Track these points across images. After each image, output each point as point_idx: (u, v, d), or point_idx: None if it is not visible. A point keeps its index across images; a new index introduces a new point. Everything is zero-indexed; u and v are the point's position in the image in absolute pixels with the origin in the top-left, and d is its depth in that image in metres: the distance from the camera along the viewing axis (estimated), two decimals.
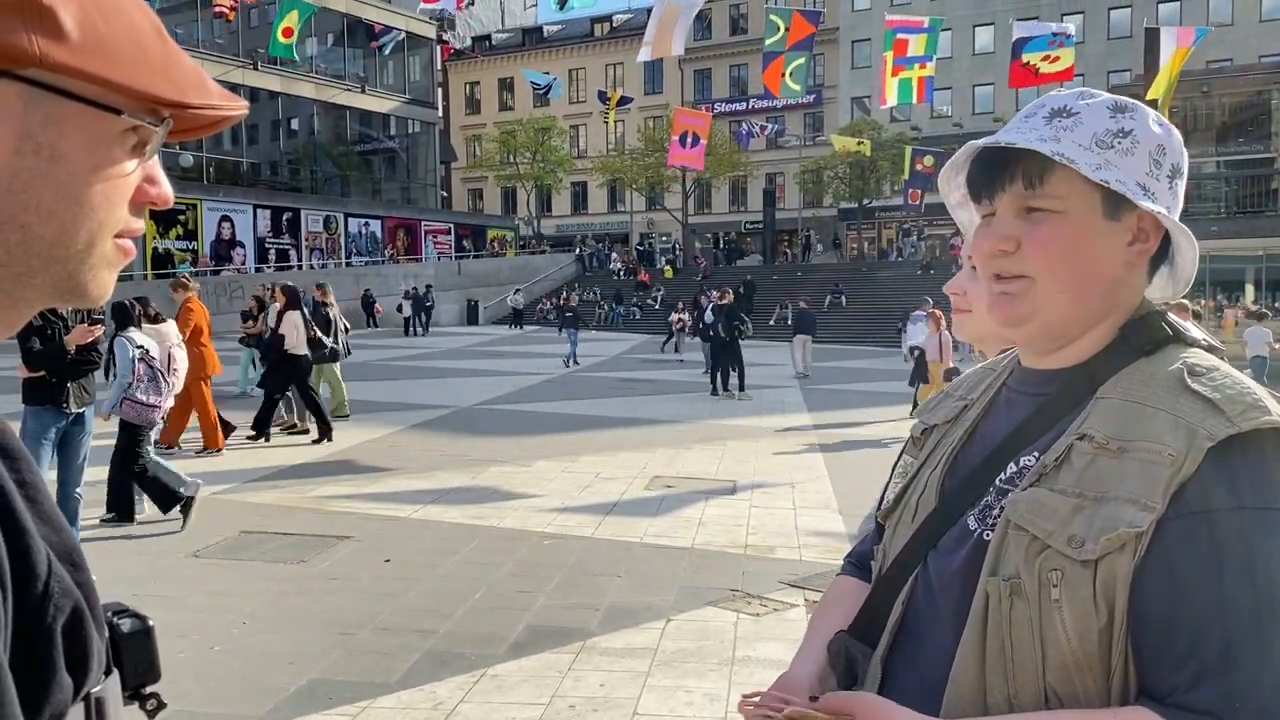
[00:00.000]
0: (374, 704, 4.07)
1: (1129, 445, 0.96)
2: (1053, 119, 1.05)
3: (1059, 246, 1.02)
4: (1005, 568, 0.99)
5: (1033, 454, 1.05)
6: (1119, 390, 1.02)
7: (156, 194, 0.70)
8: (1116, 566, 0.93)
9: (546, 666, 4.50)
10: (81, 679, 0.64)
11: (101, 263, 0.67)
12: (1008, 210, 1.05)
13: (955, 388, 1.28)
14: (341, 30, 42.92)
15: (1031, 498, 1.00)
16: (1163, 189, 1.05)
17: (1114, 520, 0.93)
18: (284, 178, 42.07)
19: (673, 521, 7.45)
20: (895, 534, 1.18)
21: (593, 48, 59.18)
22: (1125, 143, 1.03)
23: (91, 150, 0.63)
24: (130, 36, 0.63)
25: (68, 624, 0.63)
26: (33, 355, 5.97)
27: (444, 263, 42.91)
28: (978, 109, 48.30)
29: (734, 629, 5.06)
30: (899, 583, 1.13)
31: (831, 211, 50.37)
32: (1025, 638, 0.97)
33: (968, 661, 1.00)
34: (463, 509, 7.74)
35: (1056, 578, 0.95)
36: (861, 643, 1.15)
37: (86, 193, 0.64)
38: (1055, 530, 0.96)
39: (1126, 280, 1.06)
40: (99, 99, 0.62)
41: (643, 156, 50.13)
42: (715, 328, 16.96)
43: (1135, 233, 1.04)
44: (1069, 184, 1.02)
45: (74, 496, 6.07)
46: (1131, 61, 43.11)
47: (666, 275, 45.22)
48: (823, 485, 8.95)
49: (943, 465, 1.15)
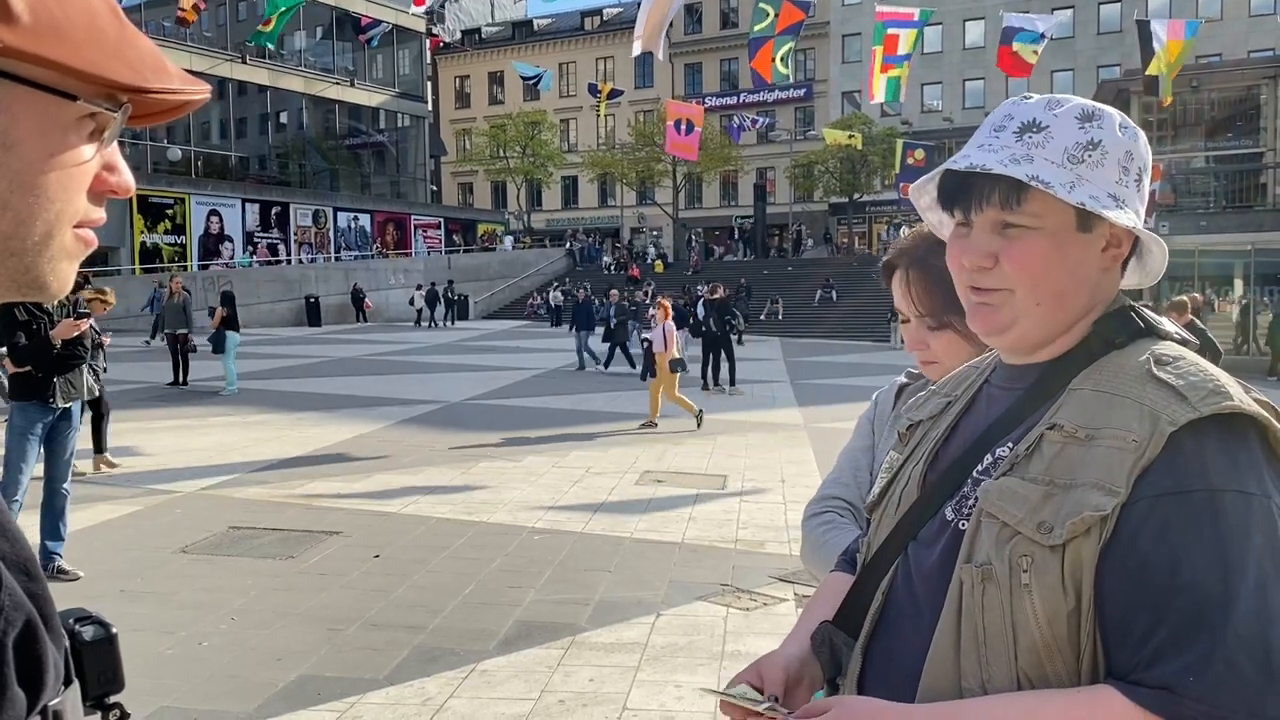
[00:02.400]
0: (363, 699, 4.06)
1: (1096, 433, 0.99)
2: (1023, 134, 1.07)
3: (1037, 262, 1.05)
4: (978, 555, 1.01)
5: (1007, 445, 1.08)
6: (1090, 381, 1.05)
7: (116, 182, 0.67)
8: (1083, 550, 0.95)
9: (536, 662, 4.50)
10: (35, 694, 0.61)
11: (60, 254, 0.65)
12: (984, 227, 1.08)
13: (941, 385, 1.30)
14: (330, 24, 42.72)
15: (1003, 486, 1.02)
16: (1131, 194, 1.08)
17: (1080, 505, 0.96)
18: (273, 172, 41.87)
19: (663, 516, 7.44)
20: (879, 526, 1.20)
21: (583, 41, 59.05)
22: (1095, 155, 1.06)
23: (46, 136, 0.61)
24: (85, 19, 0.60)
25: (19, 639, 0.60)
26: (18, 351, 5.92)
27: (434, 257, 42.79)
28: (968, 103, 48.39)
29: (724, 624, 5.06)
30: (880, 573, 1.15)
31: (822, 206, 50.42)
32: (997, 622, 0.99)
33: (943, 647, 1.03)
34: (452, 504, 7.72)
35: (1026, 563, 0.97)
36: (844, 632, 1.17)
37: (42, 181, 0.61)
38: (1025, 517, 0.99)
39: (1101, 283, 1.09)
40: (53, 84, 0.60)
41: (633, 151, 50.07)
42: (707, 322, 16.96)
43: (1109, 239, 1.08)
44: (1044, 202, 1.04)
45: (61, 492, 6.02)
46: (1121, 56, 43.29)
47: (657, 270, 45.20)
48: (813, 480, 8.95)
49: (925, 459, 1.18)
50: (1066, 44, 45.92)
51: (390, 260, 40.54)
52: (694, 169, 49.14)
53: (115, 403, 12.80)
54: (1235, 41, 42.22)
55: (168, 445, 10.30)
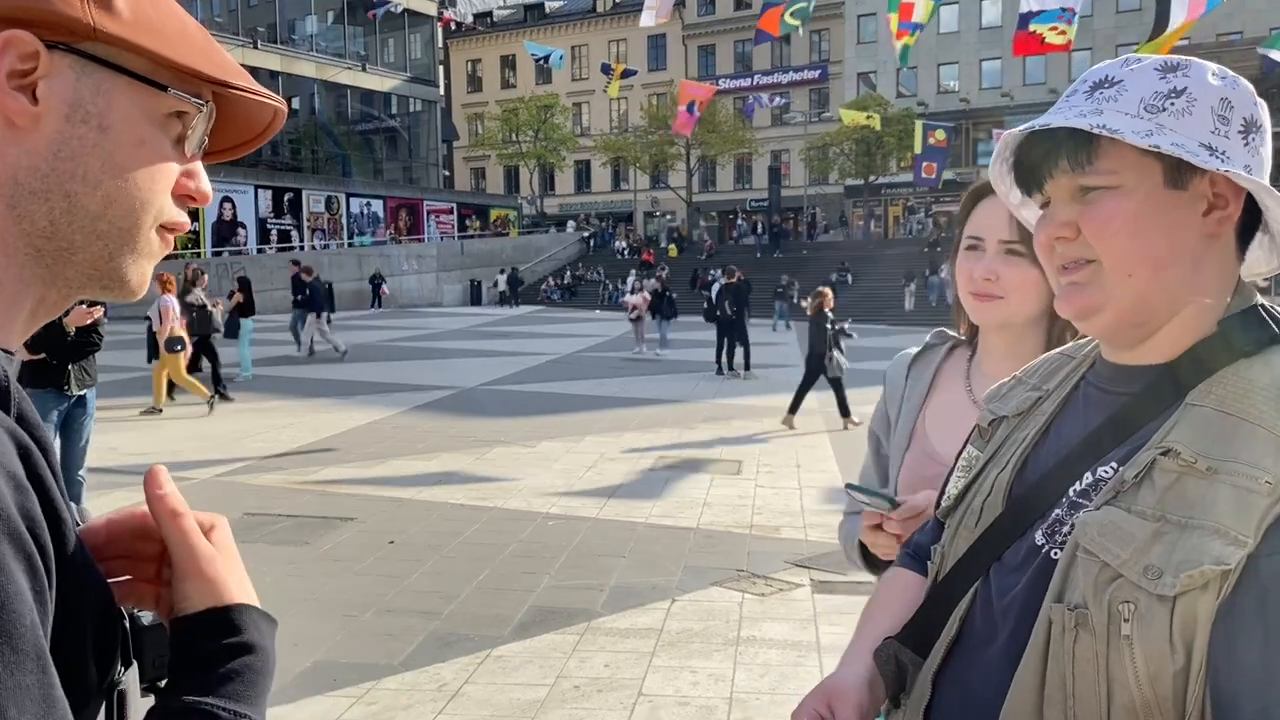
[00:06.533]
0: (378, 685, 4.06)
1: (1220, 466, 0.86)
2: (1094, 91, 0.95)
3: (1119, 223, 0.91)
4: (1071, 594, 0.89)
5: (1110, 464, 0.94)
6: (1213, 398, 0.90)
7: (195, 188, 0.72)
8: (1198, 605, 0.82)
9: (551, 647, 4.49)
10: (105, 669, 0.65)
11: (144, 250, 0.69)
12: (1062, 195, 0.96)
13: (1029, 374, 1.14)
14: (342, 8, 42.65)
15: (1105, 519, 0.89)
16: (1235, 146, 0.92)
17: (1198, 553, 0.83)
18: (285, 158, 41.93)
19: (677, 502, 7.42)
20: (956, 537, 1.06)
21: (595, 24, 58.76)
22: (1180, 102, 0.91)
23: (137, 125, 0.67)
24: (177, 24, 0.68)
25: (96, 613, 0.64)
26: (33, 338, 5.93)
27: (446, 242, 42.80)
28: (985, 84, 47.93)
29: (739, 609, 5.04)
30: (957, 595, 1.02)
31: (838, 189, 50.13)
32: (1089, 674, 0.87)
33: (1024, 694, 0.91)
34: (467, 490, 7.72)
35: (1129, 611, 0.85)
36: (910, 649, 1.06)
37: (131, 167, 0.66)
38: (1130, 559, 0.86)
39: (1209, 256, 0.94)
40: (146, 74, 0.66)
41: (646, 134, 49.87)
42: (722, 306, 16.89)
43: (1210, 199, 0.92)
44: (1119, 157, 0.91)
45: (77, 480, 6.05)
46: (1141, 34, 42.76)
47: (671, 254, 45.09)
48: (828, 465, 8.91)
49: (1012, 466, 1.04)
50: (1085, 22, 44.97)
51: (404, 246, 40.57)
52: (708, 152, 48.91)
53: (129, 389, 12.88)
54: (1256, 19, 41.63)
55: (182, 432, 10.34)
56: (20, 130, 0.63)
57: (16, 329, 0.67)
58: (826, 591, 5.29)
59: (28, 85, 0.62)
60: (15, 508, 0.57)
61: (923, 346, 1.80)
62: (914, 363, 1.78)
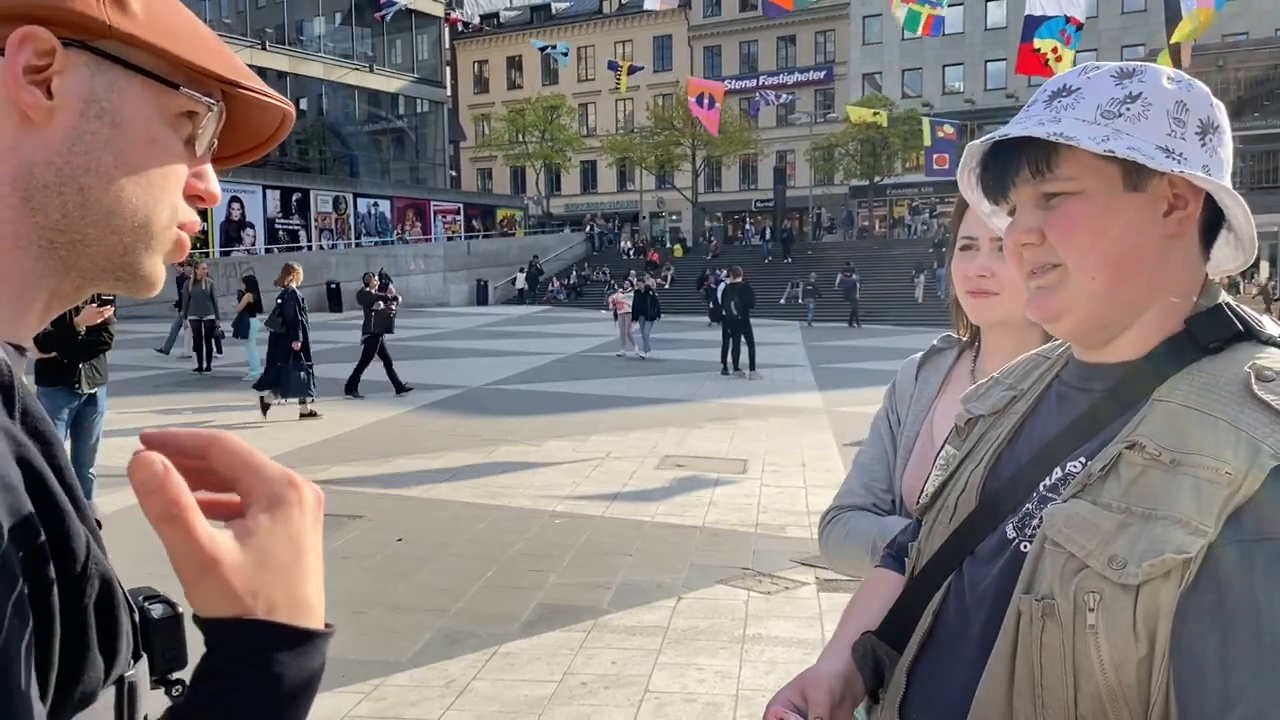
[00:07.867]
0: (387, 681, 4.09)
1: (1183, 458, 0.87)
2: (1053, 100, 0.98)
3: (1081, 227, 0.94)
4: (1039, 586, 0.91)
5: (1079, 459, 0.96)
6: (1178, 393, 0.92)
7: (204, 189, 0.73)
8: (1161, 594, 0.84)
9: (558, 644, 4.52)
10: (111, 660, 0.65)
11: (158, 247, 0.70)
12: (1026, 202, 0.99)
13: (1006, 374, 1.17)
14: (349, 9, 42.73)
15: (1071, 511, 0.91)
16: (1193, 148, 0.94)
17: (1160, 543, 0.85)
18: (293, 158, 42.00)
19: (684, 500, 7.45)
20: (932, 533, 1.10)
21: (601, 25, 58.76)
22: (1135, 107, 0.94)
23: (150, 122, 0.68)
24: (189, 26, 0.70)
25: (100, 605, 0.63)
26: (43, 337, 5.99)
27: (453, 243, 42.87)
28: (990, 85, 47.85)
29: (745, 607, 5.07)
30: (931, 589, 1.05)
31: (843, 189, 50.09)
32: (1056, 664, 0.89)
33: (995, 684, 0.93)
34: (474, 489, 7.76)
35: (1094, 600, 0.87)
36: (888, 644, 1.09)
37: (143, 164, 0.67)
38: (1095, 549, 0.88)
39: (1172, 255, 0.96)
40: (159, 72, 0.67)
41: (652, 134, 49.87)
42: (728, 306, 16.91)
43: (1170, 200, 0.95)
44: (1078, 163, 0.94)
45: (87, 477, 6.10)
46: (1146, 36, 42.66)
47: (676, 254, 45.07)
48: (834, 464, 8.93)
49: (985, 463, 1.07)
50: (1090, 24, 44.92)
51: (411, 246, 40.63)
52: (713, 152, 48.88)
53: (139, 388, 12.94)
54: (1262, 20, 41.51)
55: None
56: (35, 125, 0.64)
57: (30, 321, 0.68)
58: (831, 589, 5.32)
59: (43, 80, 0.63)
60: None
61: (930, 349, 1.83)
62: (923, 366, 1.81)
